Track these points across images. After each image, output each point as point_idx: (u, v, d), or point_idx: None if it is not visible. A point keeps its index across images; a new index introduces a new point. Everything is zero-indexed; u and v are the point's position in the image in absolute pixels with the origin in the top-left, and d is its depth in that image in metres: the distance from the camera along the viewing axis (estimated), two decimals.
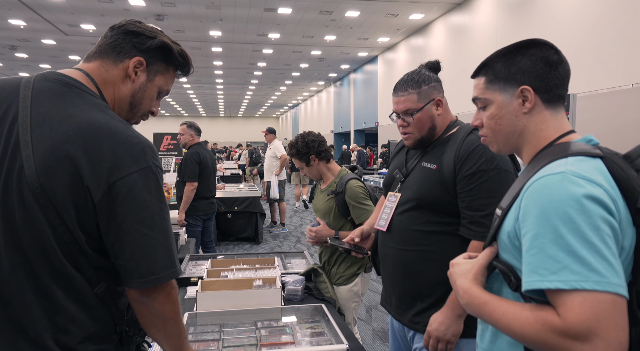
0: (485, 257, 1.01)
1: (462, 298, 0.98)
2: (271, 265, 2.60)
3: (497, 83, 1.05)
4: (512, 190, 1.00)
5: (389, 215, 1.74)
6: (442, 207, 1.60)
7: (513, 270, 0.94)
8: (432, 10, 12.17)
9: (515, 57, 1.03)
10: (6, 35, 14.81)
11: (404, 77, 1.69)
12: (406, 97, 1.65)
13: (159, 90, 1.24)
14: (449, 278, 1.06)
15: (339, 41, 15.57)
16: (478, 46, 10.63)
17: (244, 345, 1.68)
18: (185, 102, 33.86)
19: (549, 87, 1.01)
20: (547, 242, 0.82)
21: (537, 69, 1.01)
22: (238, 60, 18.64)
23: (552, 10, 8.10)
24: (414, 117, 1.65)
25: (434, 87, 1.68)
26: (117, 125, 1.06)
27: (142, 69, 1.18)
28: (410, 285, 1.67)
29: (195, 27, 13.80)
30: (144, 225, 1.03)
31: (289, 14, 12.46)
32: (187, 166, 4.53)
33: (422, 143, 1.70)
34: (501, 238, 0.98)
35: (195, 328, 1.84)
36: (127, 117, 1.22)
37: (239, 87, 26.42)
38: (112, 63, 1.16)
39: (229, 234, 7.21)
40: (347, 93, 22.31)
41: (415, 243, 1.64)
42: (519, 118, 1.03)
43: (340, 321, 1.91)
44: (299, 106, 35.23)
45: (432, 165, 1.64)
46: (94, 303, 1.07)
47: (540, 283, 0.82)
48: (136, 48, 1.17)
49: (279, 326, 1.86)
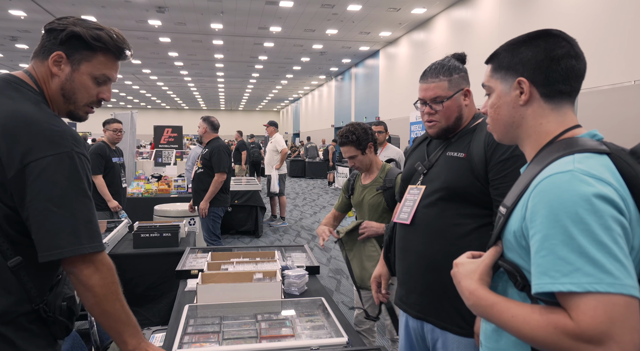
0: (490, 257, 0.98)
1: (468, 300, 0.96)
2: (271, 258, 2.61)
3: (499, 72, 1.04)
4: (517, 188, 0.97)
5: (411, 207, 1.68)
6: (472, 196, 1.57)
7: (519, 270, 0.92)
8: (434, 4, 12.11)
9: (520, 48, 1.01)
10: (7, 26, 14.76)
11: (434, 64, 1.66)
12: (437, 84, 1.62)
13: (94, 77, 1.30)
14: (453, 278, 1.03)
15: (341, 35, 15.51)
16: (480, 41, 10.59)
17: (244, 338, 1.68)
18: (186, 95, 33.78)
19: (549, 81, 0.98)
20: (558, 243, 0.80)
21: (537, 61, 0.98)
22: (239, 53, 18.58)
23: (554, 5, 8.06)
24: (443, 105, 1.62)
25: (464, 77, 1.67)
26: (41, 115, 1.17)
27: (64, 61, 1.27)
28: (436, 279, 1.60)
29: (196, 20, 13.74)
30: (52, 203, 1.13)
31: (291, 7, 12.40)
32: (220, 157, 4.62)
33: (447, 133, 1.68)
34: (506, 237, 0.96)
35: (196, 320, 1.85)
36: (69, 109, 1.31)
37: (239, 80, 26.35)
38: (40, 62, 1.28)
39: (229, 227, 7.22)
40: (348, 88, 22.26)
41: (442, 236, 1.59)
42: (516, 110, 1.02)
43: (340, 315, 1.92)
44: (299, 100, 35.15)
45: (460, 154, 1.62)
46: (7, 276, 1.15)
47: (552, 286, 0.80)
48: (56, 43, 1.26)
49: (279, 319, 1.87)
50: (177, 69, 22.35)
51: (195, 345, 1.62)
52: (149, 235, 3.42)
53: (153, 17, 13.43)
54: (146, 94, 32.64)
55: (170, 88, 29.75)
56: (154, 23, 13.95)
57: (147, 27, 14.35)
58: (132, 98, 35.34)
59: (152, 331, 2.29)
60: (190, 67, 21.82)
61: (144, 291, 3.39)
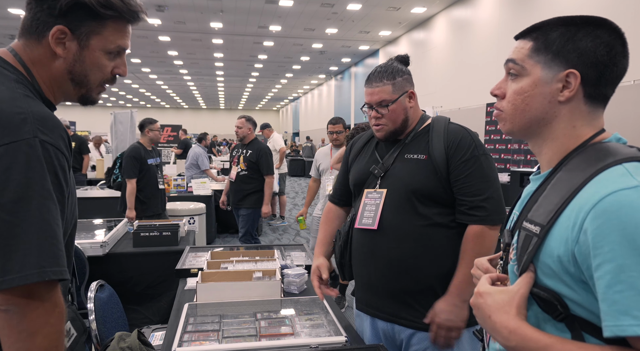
0: (526, 285, 0.81)
1: (509, 340, 0.78)
2: (271, 257, 2.62)
3: (544, 54, 0.86)
4: (548, 203, 0.81)
5: (375, 212, 1.66)
6: (437, 196, 1.61)
7: (560, 299, 0.78)
8: (434, 4, 12.11)
9: (578, 33, 0.84)
10: (6, 24, 14.74)
11: (377, 69, 1.70)
12: (381, 88, 1.66)
13: (107, 51, 1.05)
14: (477, 309, 0.86)
15: (340, 34, 15.50)
16: (480, 41, 10.59)
17: (244, 336, 1.69)
18: (186, 94, 33.76)
19: (600, 82, 0.84)
20: (639, 276, 0.67)
21: (598, 56, 0.83)
22: (239, 52, 18.56)
23: (554, 4, 8.07)
24: (389, 109, 1.66)
25: (407, 79, 1.70)
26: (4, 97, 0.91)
27: (68, 37, 1.01)
28: (408, 282, 1.63)
29: (196, 19, 13.73)
30: (4, 210, 0.84)
31: (291, 6, 12.39)
32: (268, 160, 4.64)
33: (395, 135, 1.71)
34: (543, 261, 0.80)
35: (196, 318, 1.86)
36: (82, 93, 1.08)
37: (239, 80, 26.34)
38: (36, 41, 1.02)
39: (228, 226, 7.23)
40: (347, 87, 22.25)
41: (412, 238, 1.61)
42: (552, 106, 0.86)
43: (339, 313, 1.92)
44: (299, 99, 35.14)
45: (420, 156, 1.65)
46: None
47: (638, 329, 0.66)
48: (53, 14, 0.99)
49: (278, 318, 1.87)
50: (176, 68, 22.33)
51: (195, 343, 1.62)
52: (149, 234, 3.42)
53: (152, 16, 13.41)
54: (145, 93, 32.62)
55: (170, 87, 29.73)
56: (154, 22, 13.94)
57: (146, 25, 14.34)
58: (132, 97, 35.30)
59: (151, 329, 2.30)
60: (189, 66, 21.80)
61: (143, 289, 3.39)
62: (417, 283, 1.63)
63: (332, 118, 4.21)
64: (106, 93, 31.86)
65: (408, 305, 1.64)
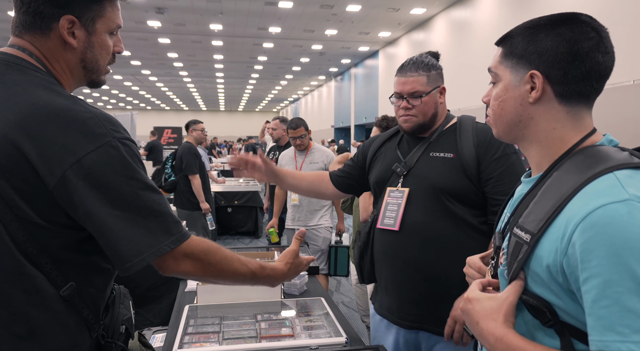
0: (514, 293, 0.81)
1: (495, 348, 0.78)
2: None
3: (510, 59, 0.89)
4: (539, 211, 0.81)
5: (397, 212, 1.60)
6: (465, 197, 1.55)
7: (549, 306, 0.78)
8: (433, 4, 12.13)
9: (539, 33, 0.86)
10: (5, 27, 14.77)
11: (411, 60, 1.65)
12: (415, 79, 1.60)
13: (110, 32, 1.06)
14: (465, 315, 0.87)
15: (340, 35, 15.52)
16: (479, 41, 10.60)
17: (244, 337, 1.69)
18: (186, 96, 33.80)
19: (567, 79, 0.83)
20: (624, 292, 0.67)
21: (557, 54, 0.83)
22: (239, 54, 18.58)
23: (553, 4, 8.07)
24: (421, 100, 1.60)
25: (440, 74, 1.66)
26: (64, 103, 0.93)
27: (77, 26, 1.00)
28: (434, 287, 1.56)
29: (195, 21, 13.75)
30: (114, 207, 0.92)
31: (290, 7, 12.41)
32: None
33: (421, 129, 1.66)
34: (533, 269, 0.80)
35: (196, 320, 1.86)
36: (92, 78, 1.08)
37: (239, 81, 26.37)
38: (42, 35, 1.00)
39: (229, 228, 7.23)
40: (347, 88, 22.27)
41: (438, 240, 1.55)
42: (524, 108, 0.87)
43: (340, 315, 1.92)
44: (299, 101, 35.17)
45: (448, 154, 1.60)
46: (61, 307, 0.94)
47: (622, 345, 0.66)
48: (55, 5, 0.98)
49: (278, 319, 1.88)
50: (176, 70, 22.35)
51: (195, 345, 1.63)
52: None
53: (152, 18, 13.44)
54: (145, 95, 32.65)
55: (170, 89, 29.76)
56: (154, 24, 13.96)
57: (146, 28, 14.36)
58: (132, 100, 35.35)
59: (152, 331, 2.30)
60: (189, 67, 21.82)
61: (144, 292, 3.40)
62: (443, 287, 1.55)
63: (292, 122, 3.82)
64: (106, 96, 31.89)
65: (434, 312, 1.57)
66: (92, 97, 31.85)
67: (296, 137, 3.79)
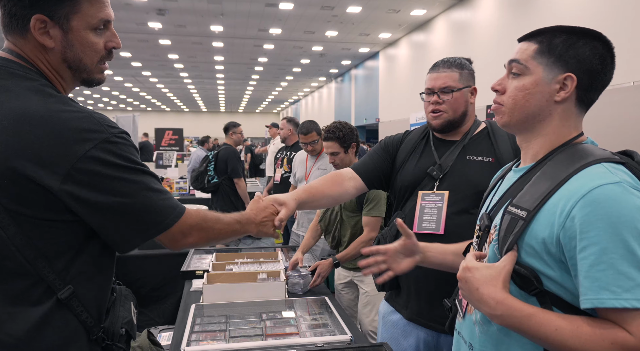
0: (510, 262, 0.91)
1: (496, 310, 0.88)
2: (274, 259, 2.65)
3: (547, 57, 0.96)
4: (535, 191, 0.92)
5: (438, 216, 1.57)
6: None
7: (536, 275, 0.89)
8: (433, 6, 12.15)
9: (578, 41, 0.95)
10: None
11: (444, 58, 1.67)
12: (447, 74, 1.62)
13: (93, 28, 1.02)
14: (464, 283, 0.96)
15: (341, 37, 15.54)
16: (480, 43, 10.63)
17: (250, 336, 1.72)
18: (186, 97, 33.82)
19: (591, 87, 0.96)
20: (618, 258, 0.79)
21: (593, 64, 0.94)
22: (239, 55, 18.60)
23: (554, 6, 8.10)
24: (453, 95, 1.60)
25: (472, 75, 1.68)
26: (55, 106, 0.94)
27: (49, 25, 0.97)
28: None
29: (196, 22, 13.78)
30: (122, 196, 0.97)
31: (291, 9, 12.44)
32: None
33: (450, 126, 1.65)
34: (527, 242, 0.90)
35: (202, 319, 1.89)
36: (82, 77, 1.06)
37: (239, 82, 26.38)
38: (21, 37, 0.99)
39: None
40: (348, 89, 22.28)
41: None
42: (548, 104, 0.97)
43: (343, 313, 1.95)
44: (299, 102, 35.18)
45: (487, 158, 1.59)
46: (58, 310, 0.95)
47: (615, 302, 0.78)
48: (23, 5, 0.95)
49: (283, 318, 1.90)
50: (177, 71, 22.37)
51: (202, 343, 1.65)
52: None
53: (153, 20, 13.46)
54: (146, 96, 32.66)
55: (171, 90, 29.77)
56: (154, 25, 13.98)
57: (147, 29, 14.39)
58: (132, 101, 35.35)
59: (158, 330, 2.33)
60: (190, 69, 21.84)
61: (148, 292, 3.42)
62: None
63: (302, 126, 3.65)
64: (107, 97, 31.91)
65: None
66: (93, 98, 31.87)
67: (308, 143, 3.64)
